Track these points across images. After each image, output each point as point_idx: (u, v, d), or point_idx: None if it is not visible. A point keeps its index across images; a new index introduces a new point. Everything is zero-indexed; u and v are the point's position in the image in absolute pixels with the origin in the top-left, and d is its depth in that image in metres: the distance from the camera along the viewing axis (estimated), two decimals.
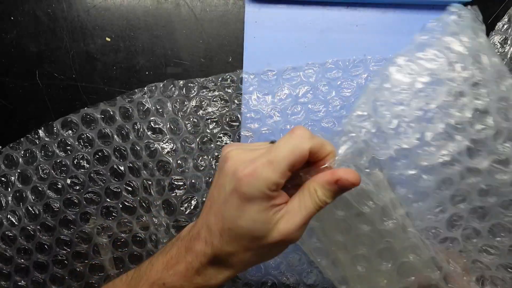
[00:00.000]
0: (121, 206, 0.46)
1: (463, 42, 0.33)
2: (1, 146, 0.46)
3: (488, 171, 0.33)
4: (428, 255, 0.34)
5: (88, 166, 0.45)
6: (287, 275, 0.44)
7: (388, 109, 0.32)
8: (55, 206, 0.46)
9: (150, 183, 0.45)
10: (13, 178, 0.46)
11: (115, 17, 0.44)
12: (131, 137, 0.44)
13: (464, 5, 0.36)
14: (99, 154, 0.45)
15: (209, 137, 0.44)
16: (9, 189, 0.46)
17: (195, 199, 0.45)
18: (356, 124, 0.32)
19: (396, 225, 0.33)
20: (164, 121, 0.44)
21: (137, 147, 0.44)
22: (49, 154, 0.45)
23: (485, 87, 0.32)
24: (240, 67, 0.43)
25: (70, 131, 0.45)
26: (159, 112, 0.44)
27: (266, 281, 0.45)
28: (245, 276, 0.45)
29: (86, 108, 0.44)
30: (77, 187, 0.45)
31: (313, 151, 0.26)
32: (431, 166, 0.32)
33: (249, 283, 0.45)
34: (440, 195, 0.34)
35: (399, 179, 0.33)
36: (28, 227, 0.46)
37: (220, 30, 0.44)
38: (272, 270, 0.45)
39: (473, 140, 0.32)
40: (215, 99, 0.44)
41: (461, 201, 0.34)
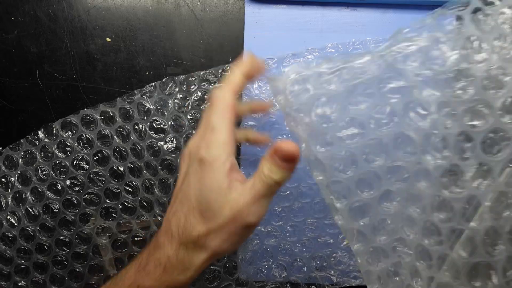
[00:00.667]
0: (120, 206, 0.46)
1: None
2: (1, 148, 0.46)
3: None
4: None
5: (87, 167, 0.45)
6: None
7: None
8: (54, 207, 0.46)
9: (152, 182, 0.45)
10: (13, 179, 0.46)
11: (115, 17, 0.44)
12: (132, 138, 0.44)
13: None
14: (99, 155, 0.45)
15: None
16: (9, 190, 0.46)
17: None
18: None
19: None
20: (166, 119, 0.44)
21: (138, 147, 0.44)
22: (49, 155, 0.45)
23: None
24: None
25: (69, 132, 0.45)
26: (160, 111, 0.44)
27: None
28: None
29: (85, 109, 0.44)
30: (77, 188, 0.45)
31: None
32: None
33: None
34: None
35: None
36: (28, 228, 0.46)
37: (220, 30, 0.44)
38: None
39: None
40: None
41: None
